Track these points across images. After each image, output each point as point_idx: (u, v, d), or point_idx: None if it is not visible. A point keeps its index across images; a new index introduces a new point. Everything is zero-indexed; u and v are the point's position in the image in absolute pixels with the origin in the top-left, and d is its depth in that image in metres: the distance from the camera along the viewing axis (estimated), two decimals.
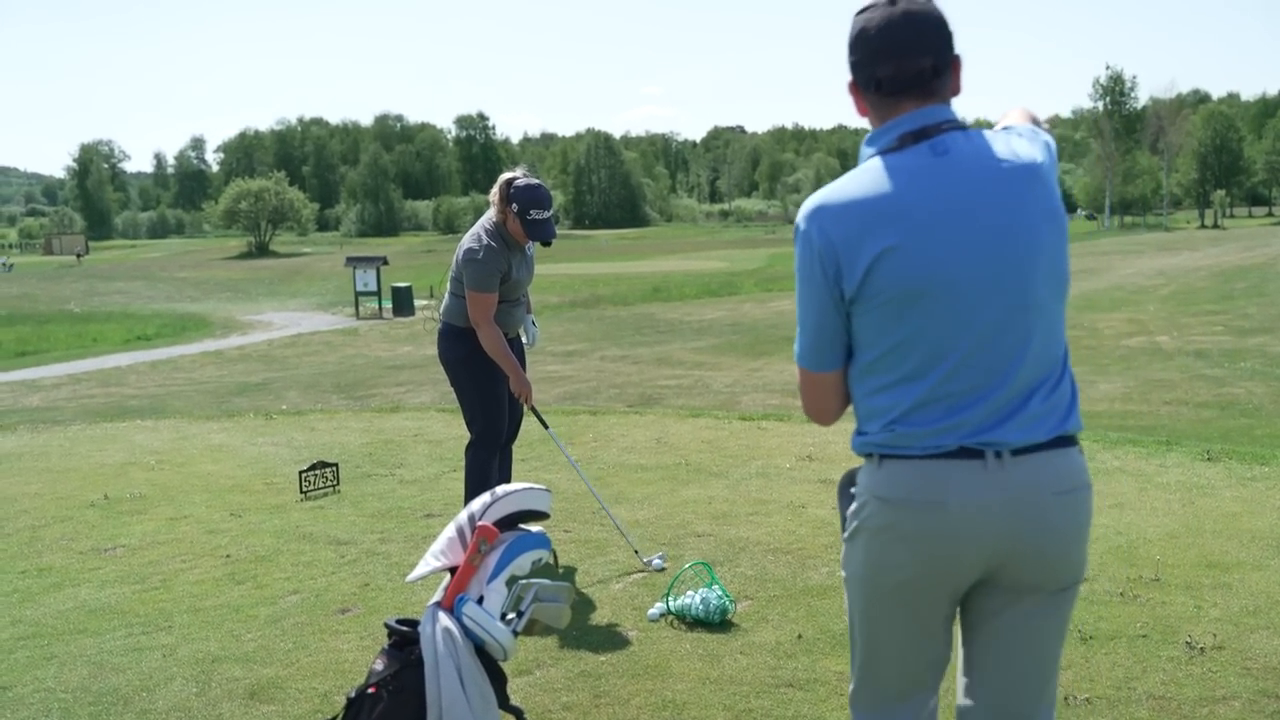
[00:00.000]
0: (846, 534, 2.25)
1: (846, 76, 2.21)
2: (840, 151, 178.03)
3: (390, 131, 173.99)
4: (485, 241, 5.21)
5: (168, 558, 5.63)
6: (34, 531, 6.21)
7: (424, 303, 40.84)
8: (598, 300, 38.02)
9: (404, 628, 2.74)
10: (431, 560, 2.78)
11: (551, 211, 5.27)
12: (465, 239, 5.31)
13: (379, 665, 2.67)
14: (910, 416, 2.09)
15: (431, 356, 28.95)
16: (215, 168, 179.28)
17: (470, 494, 5.44)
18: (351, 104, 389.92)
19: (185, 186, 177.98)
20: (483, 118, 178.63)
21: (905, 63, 2.10)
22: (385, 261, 38.54)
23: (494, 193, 5.26)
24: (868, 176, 2.11)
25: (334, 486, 6.85)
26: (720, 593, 4.48)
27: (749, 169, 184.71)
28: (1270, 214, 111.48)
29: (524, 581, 2.71)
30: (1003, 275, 2.07)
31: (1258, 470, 6.57)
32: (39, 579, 5.37)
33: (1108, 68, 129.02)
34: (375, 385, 21.33)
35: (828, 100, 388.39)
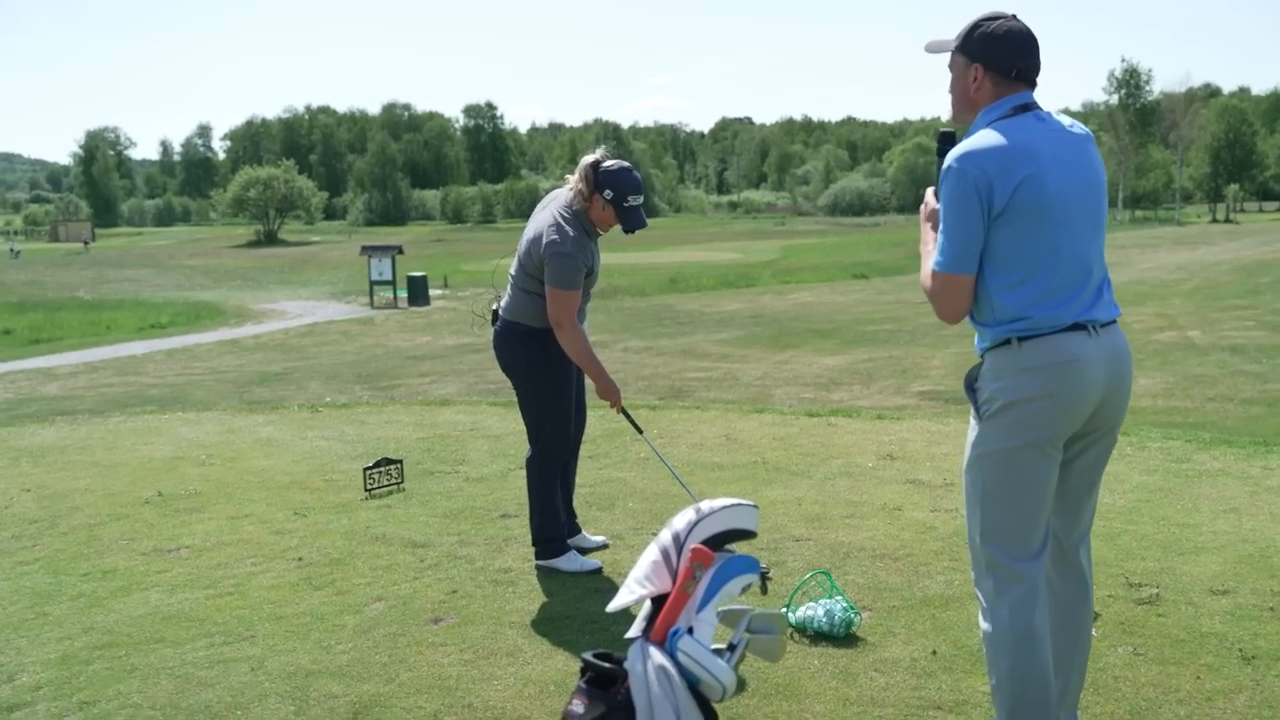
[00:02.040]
0: (989, 412, 2.93)
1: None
2: (849, 143, 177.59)
3: (398, 120, 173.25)
4: (570, 233, 4.80)
5: (236, 560, 5.35)
6: (91, 530, 5.92)
7: (439, 292, 40.56)
8: (615, 291, 37.72)
9: (604, 663, 2.44)
10: (636, 588, 2.47)
11: (642, 198, 4.93)
12: (543, 228, 4.86)
13: (578, 707, 2.37)
14: (1039, 303, 2.85)
15: (454, 347, 28.74)
16: (222, 155, 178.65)
17: (536, 514, 5.09)
18: (359, 92, 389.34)
19: (192, 174, 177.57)
20: (491, 107, 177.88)
21: (1033, 59, 3.01)
22: (401, 250, 38.29)
23: (576, 178, 4.89)
24: (1002, 132, 2.88)
25: (399, 484, 6.56)
26: (845, 604, 4.18)
27: (757, 160, 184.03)
28: None
29: (736, 610, 2.40)
30: (1088, 204, 2.95)
31: None
32: (104, 582, 5.09)
33: (1123, 60, 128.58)
34: (399, 376, 21.05)
35: (837, 92, 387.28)
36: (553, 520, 5.11)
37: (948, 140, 3.06)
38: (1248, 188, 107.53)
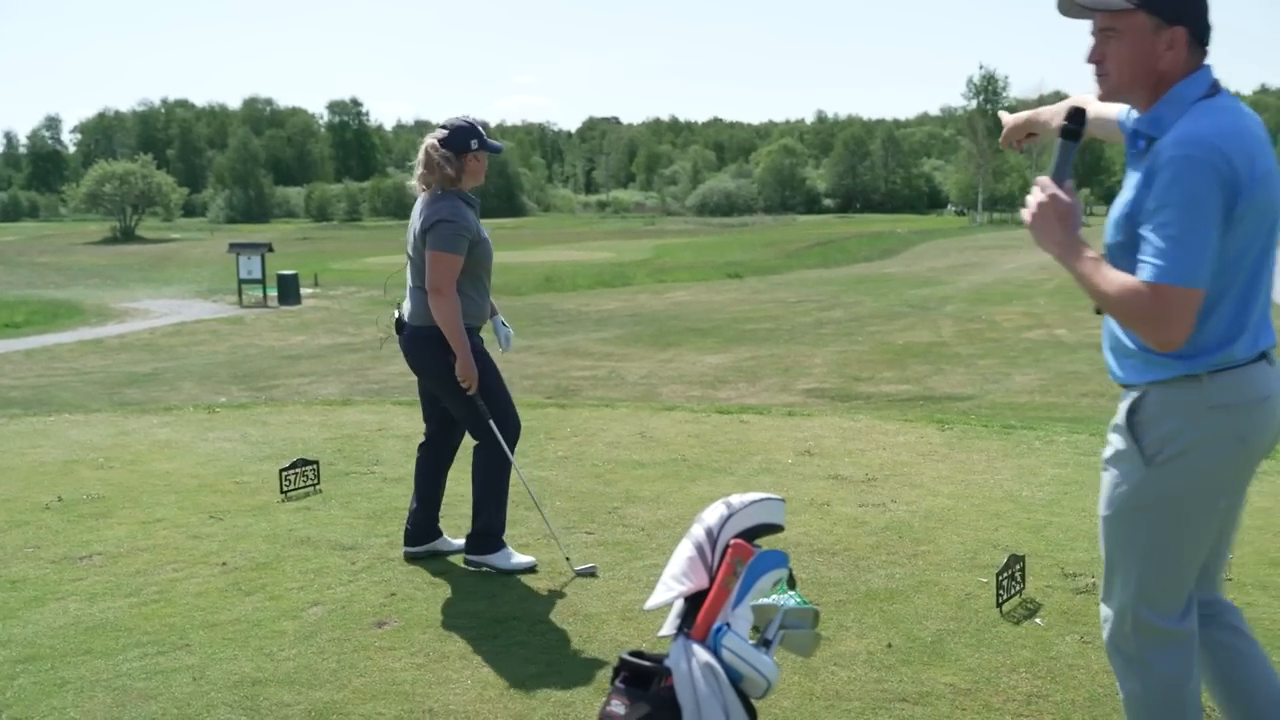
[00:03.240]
0: (1163, 457, 2.46)
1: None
2: (716, 144, 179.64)
3: (260, 115, 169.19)
4: (447, 204, 4.72)
5: (155, 566, 5.12)
6: None
7: (310, 291, 39.70)
8: (491, 290, 37.39)
9: (643, 662, 2.38)
10: (674, 585, 2.41)
11: None
12: (424, 214, 4.75)
13: (617, 707, 2.30)
14: (1237, 328, 2.42)
15: (330, 347, 28.10)
16: (72, 149, 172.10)
17: (492, 509, 4.94)
18: (218, 86, 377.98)
19: (39, 168, 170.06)
20: (356, 103, 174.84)
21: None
22: (270, 248, 37.39)
23: (445, 169, 4.76)
24: (1229, 114, 2.40)
25: (315, 486, 6.37)
26: (798, 599, 4.19)
27: (625, 160, 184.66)
28: None
29: (769, 605, 2.38)
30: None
31: (1267, 464, 6.53)
32: (14, 592, 4.82)
33: (981, 67, 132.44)
34: (276, 376, 20.54)
35: (703, 93, 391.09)
36: (501, 515, 5.01)
37: (1079, 118, 2.63)
38: (1097, 191, 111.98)
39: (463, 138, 4.77)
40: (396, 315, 4.99)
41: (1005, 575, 4.34)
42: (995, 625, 4.19)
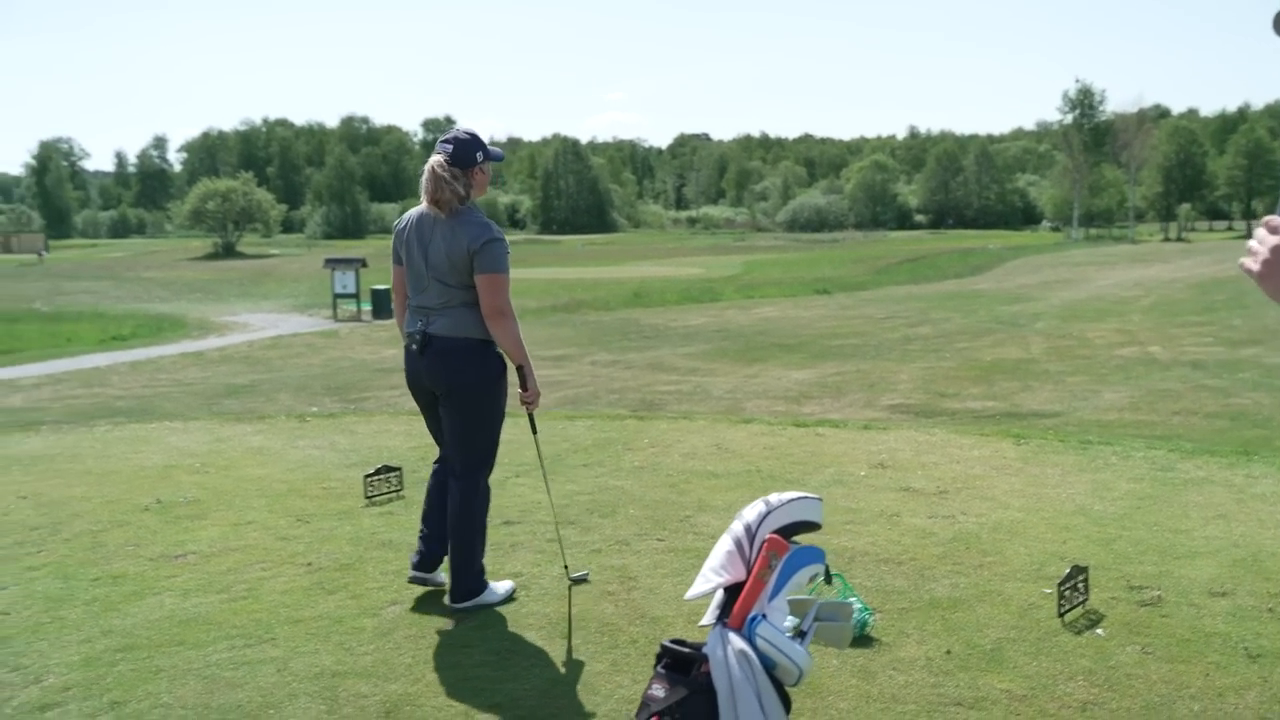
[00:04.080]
0: None
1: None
2: (807, 160, 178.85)
3: (356, 133, 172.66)
4: (485, 220, 4.61)
5: (245, 565, 5.37)
6: (94, 536, 5.91)
7: None
8: (579, 305, 37.79)
9: (683, 649, 2.52)
10: (713, 576, 2.55)
11: None
12: (463, 231, 4.56)
13: (658, 691, 2.44)
14: None
15: None
16: (178, 168, 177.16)
17: (479, 539, 4.77)
18: (316, 105, 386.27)
19: (147, 186, 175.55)
20: (450, 121, 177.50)
21: None
22: (364, 264, 38.11)
23: (456, 187, 4.57)
24: None
25: (398, 491, 6.60)
26: (859, 605, 4.28)
27: (716, 176, 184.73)
28: (1230, 228, 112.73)
29: (804, 598, 2.50)
30: None
31: None
32: (115, 587, 5.10)
33: (1077, 81, 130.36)
34: (368, 388, 21.00)
35: (794, 109, 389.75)
36: (480, 554, 4.83)
37: None
38: (1198, 207, 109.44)
39: (469, 152, 4.59)
40: (419, 334, 4.68)
41: (1067, 586, 4.37)
42: (1056, 635, 4.23)
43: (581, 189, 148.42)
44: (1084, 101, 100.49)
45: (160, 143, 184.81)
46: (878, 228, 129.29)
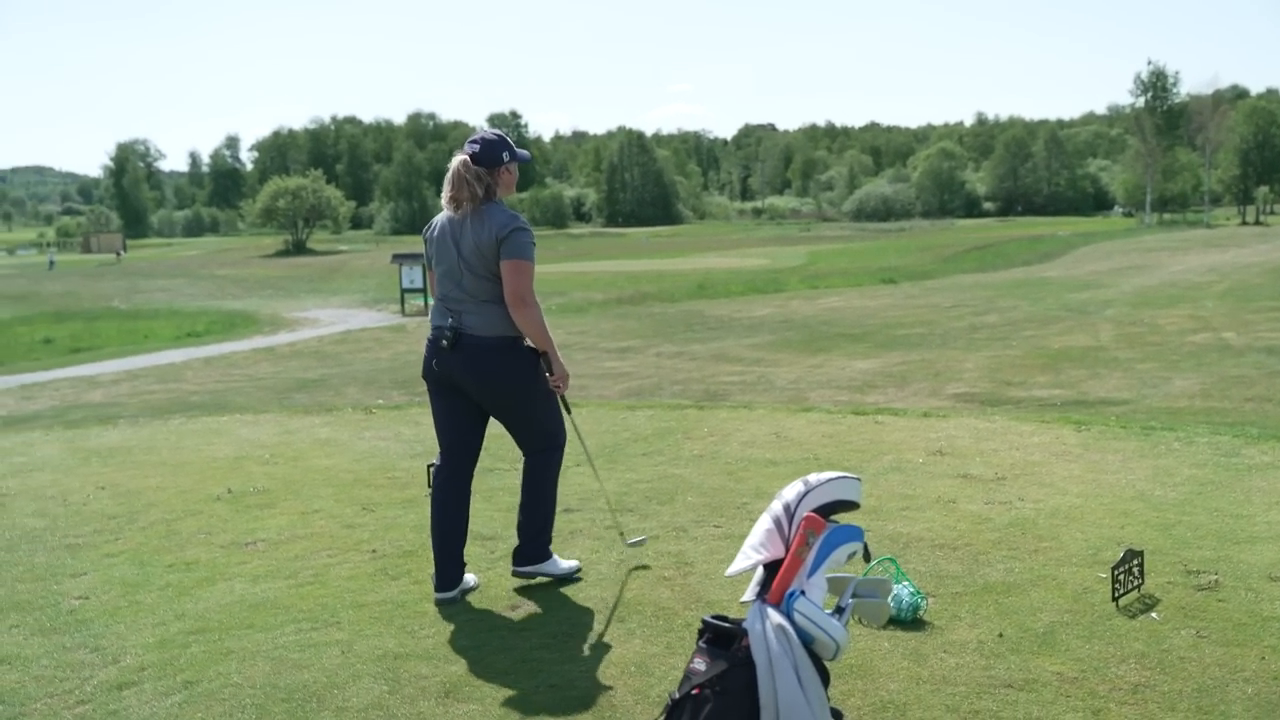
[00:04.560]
0: None
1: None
2: (873, 149, 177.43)
3: (423, 130, 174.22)
4: (510, 211, 4.67)
5: (311, 552, 5.53)
6: (168, 525, 6.12)
7: None
8: (643, 297, 37.89)
9: (723, 624, 2.59)
10: (752, 554, 2.63)
11: None
12: (485, 227, 4.59)
13: (700, 665, 2.52)
14: None
15: None
16: (249, 166, 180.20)
17: (548, 510, 4.94)
18: (384, 102, 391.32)
19: (220, 185, 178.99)
20: (515, 116, 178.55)
21: None
22: None
23: (474, 187, 4.63)
24: None
25: None
26: (912, 589, 4.32)
27: (781, 166, 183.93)
28: None
29: (842, 576, 2.56)
30: None
31: None
32: (188, 573, 5.28)
33: (1149, 63, 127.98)
34: None
35: (860, 97, 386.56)
36: (550, 528, 4.99)
37: None
38: (1277, 189, 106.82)
39: (494, 152, 4.66)
40: (450, 330, 4.70)
41: (1121, 570, 4.37)
42: (1110, 619, 4.23)
43: (646, 181, 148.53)
44: (1157, 84, 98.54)
45: (233, 142, 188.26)
46: (945, 216, 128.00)
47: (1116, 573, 4.36)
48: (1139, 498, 5.88)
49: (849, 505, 2.70)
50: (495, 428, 4.99)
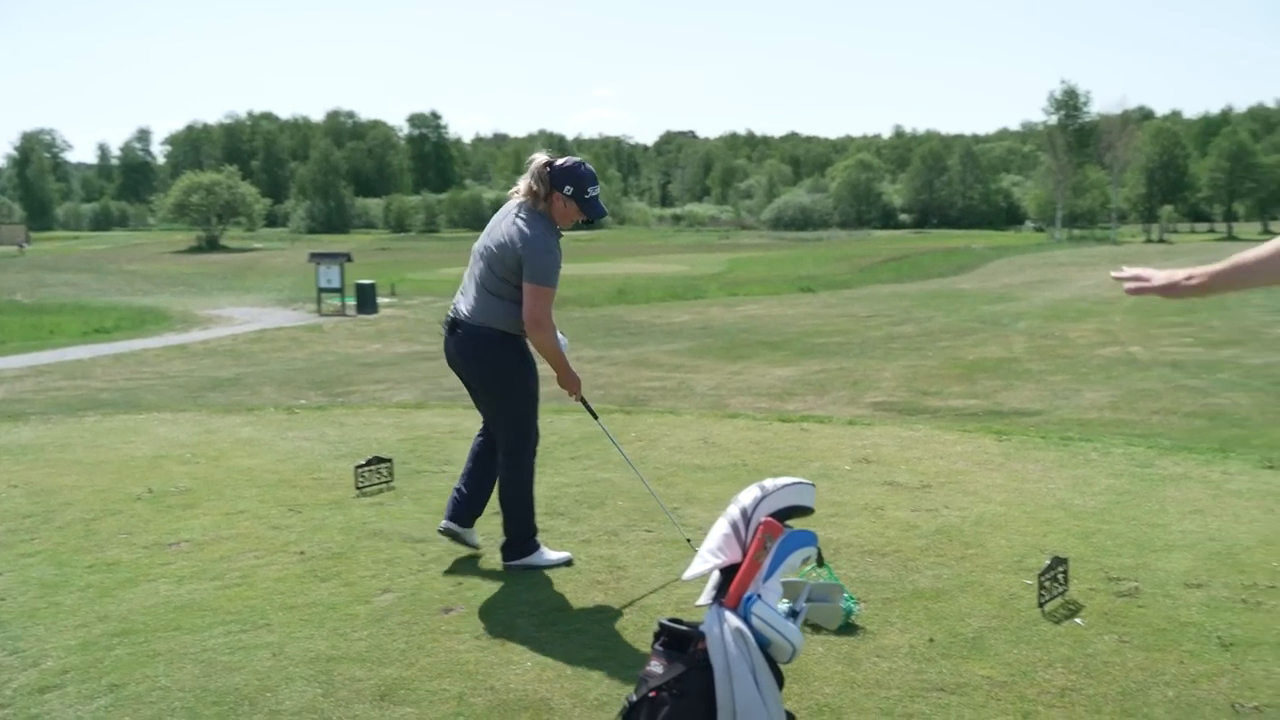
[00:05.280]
0: None
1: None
2: (792, 159, 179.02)
3: (341, 128, 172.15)
4: (547, 232, 4.86)
5: (238, 553, 5.44)
6: (87, 525, 5.97)
7: (387, 301, 40.41)
8: (563, 301, 37.81)
9: (679, 627, 2.60)
10: (709, 557, 2.64)
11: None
12: (514, 231, 4.82)
13: (656, 667, 2.53)
14: None
15: (406, 355, 28.61)
16: (161, 160, 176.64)
17: (520, 508, 5.13)
18: (302, 99, 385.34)
19: (130, 178, 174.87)
20: (435, 116, 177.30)
21: None
22: (349, 258, 38.13)
23: (532, 183, 4.87)
24: None
25: (388, 483, 6.67)
26: (846, 595, 4.37)
27: (701, 174, 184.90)
28: (1212, 230, 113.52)
29: (796, 580, 2.59)
30: None
31: None
32: (110, 574, 5.16)
33: (1063, 82, 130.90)
34: (353, 382, 21.05)
35: (780, 107, 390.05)
36: (528, 520, 5.18)
37: None
38: (1180, 209, 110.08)
39: (561, 178, 4.85)
40: (451, 315, 5.11)
41: (1047, 577, 4.48)
42: (1036, 624, 4.33)
43: None
44: (1069, 102, 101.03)
45: (144, 135, 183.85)
46: (862, 226, 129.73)
47: (1043, 579, 4.47)
48: (1059, 506, 6.02)
49: (804, 510, 2.74)
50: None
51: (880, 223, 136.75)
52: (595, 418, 5.48)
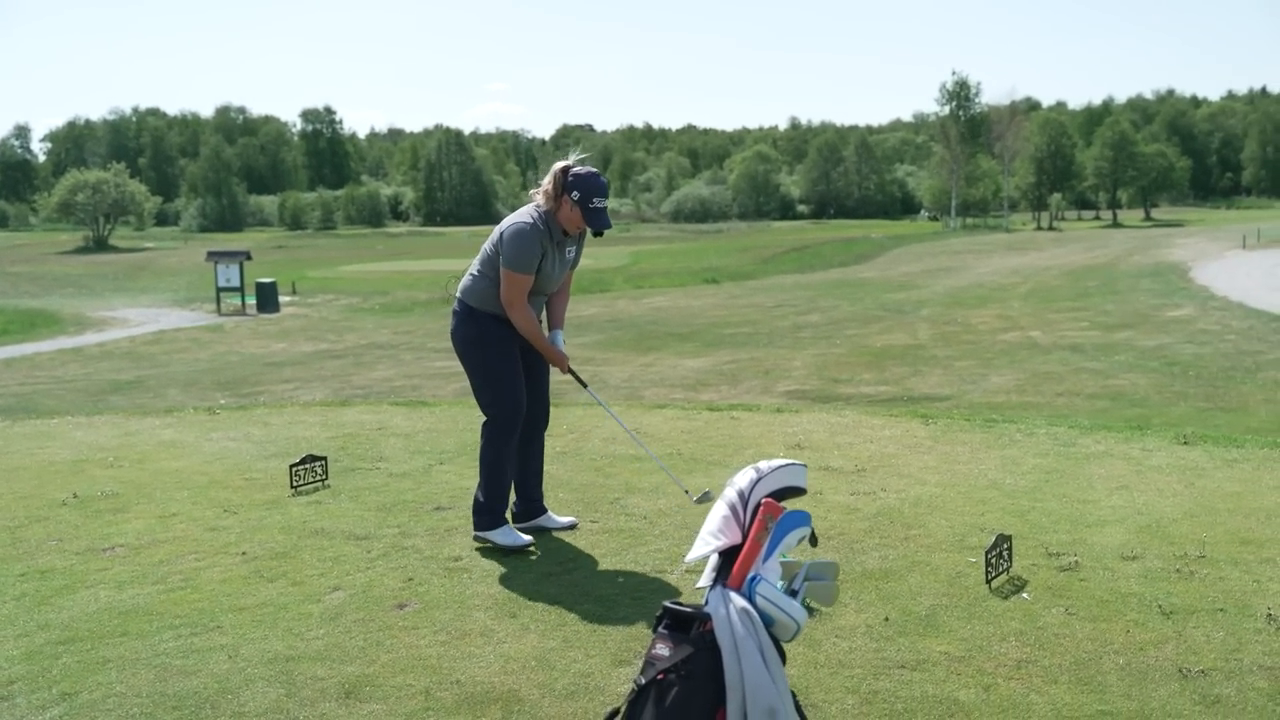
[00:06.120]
0: None
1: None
2: (690, 151, 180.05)
3: (232, 124, 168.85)
4: (530, 223, 5.14)
5: (177, 556, 5.32)
6: (12, 533, 5.79)
7: (288, 299, 39.76)
8: None
9: (684, 609, 2.62)
10: (711, 540, 2.67)
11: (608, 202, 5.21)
12: (512, 220, 5.22)
13: (662, 650, 2.54)
14: None
15: (312, 354, 28.25)
16: (42, 158, 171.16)
17: (482, 483, 5.36)
18: (190, 95, 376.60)
19: (8, 177, 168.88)
20: (329, 111, 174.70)
21: None
22: (249, 257, 37.43)
23: (547, 182, 5.19)
24: None
25: (323, 481, 6.58)
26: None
27: (600, 167, 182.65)
28: (1098, 217, 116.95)
29: (794, 560, 2.63)
30: None
31: (1236, 453, 6.85)
32: (45, 581, 5.01)
33: (954, 74, 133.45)
34: (260, 382, 20.71)
35: (676, 100, 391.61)
36: (495, 492, 5.35)
37: None
38: (1068, 197, 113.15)
39: (572, 184, 5.12)
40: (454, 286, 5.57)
41: (994, 554, 4.60)
42: (985, 600, 4.44)
43: (465, 181, 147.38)
44: (960, 94, 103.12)
45: (22, 132, 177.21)
46: (761, 218, 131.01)
47: (989, 556, 4.58)
48: (992, 486, 6.17)
49: (797, 491, 2.79)
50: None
51: (779, 214, 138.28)
52: (585, 386, 5.63)
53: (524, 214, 5.19)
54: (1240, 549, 4.98)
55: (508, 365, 5.32)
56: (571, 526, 5.61)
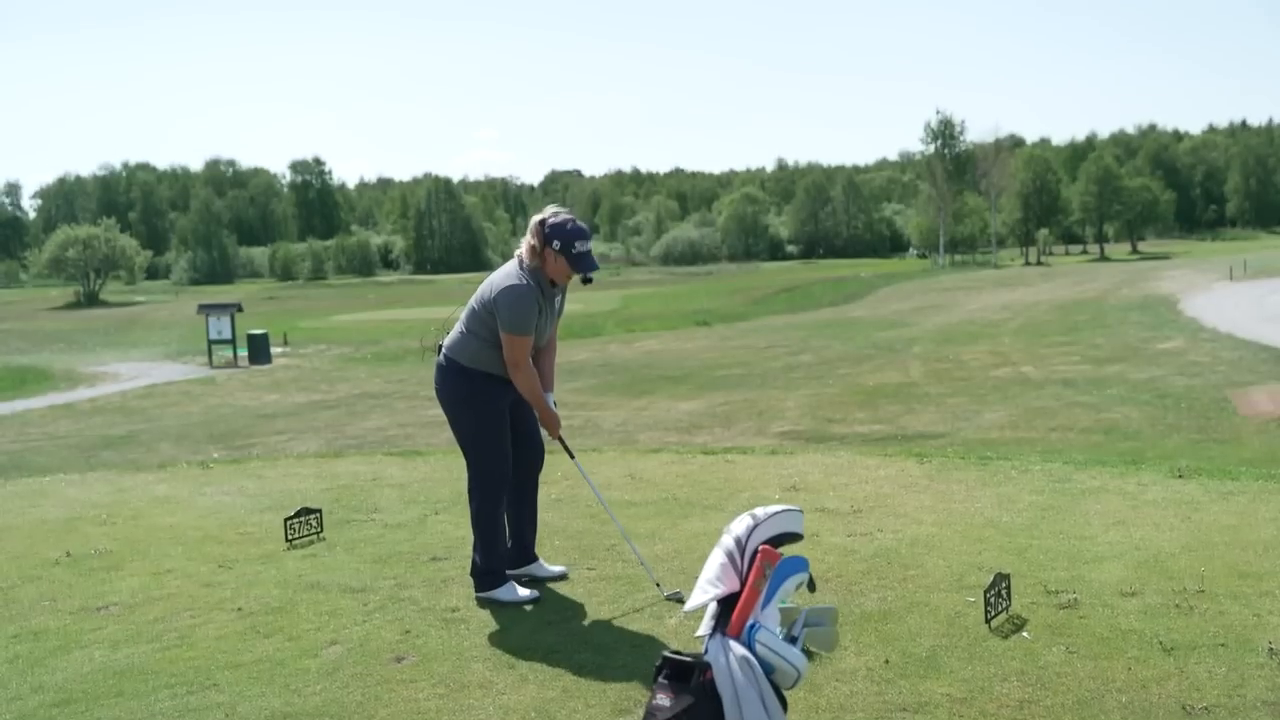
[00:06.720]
0: None
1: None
2: (679, 194, 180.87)
3: (222, 177, 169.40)
4: (526, 282, 5.13)
5: (172, 613, 5.29)
6: (5, 593, 5.74)
7: (280, 350, 39.73)
8: None
9: (683, 658, 2.61)
10: (709, 588, 2.66)
11: (591, 244, 5.23)
12: (500, 278, 5.18)
13: (663, 700, 2.53)
14: None
15: (305, 405, 28.20)
16: (33, 214, 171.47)
17: (477, 546, 5.31)
18: (180, 149, 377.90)
19: (0, 235, 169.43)
20: (318, 162, 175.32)
21: None
22: (240, 308, 37.43)
23: (529, 238, 5.17)
24: None
25: (318, 534, 6.54)
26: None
27: (589, 212, 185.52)
28: (1085, 251, 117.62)
29: (792, 606, 2.62)
30: None
31: (1231, 485, 6.84)
32: (38, 642, 4.97)
33: (938, 112, 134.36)
34: (253, 435, 20.66)
35: (664, 144, 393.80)
36: (491, 553, 5.30)
37: None
38: (1055, 231, 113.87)
39: (550, 234, 5.10)
40: (440, 341, 5.46)
41: (992, 593, 4.58)
42: (985, 640, 4.42)
43: (455, 228, 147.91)
44: (945, 132, 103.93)
45: (13, 189, 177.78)
46: (750, 259, 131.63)
47: (988, 595, 4.57)
48: (989, 524, 6.16)
49: (794, 537, 2.78)
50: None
51: (768, 254, 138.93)
52: (572, 457, 5.65)
53: (512, 275, 5.14)
54: (1239, 582, 4.97)
55: (497, 424, 5.31)
56: (562, 577, 5.57)
